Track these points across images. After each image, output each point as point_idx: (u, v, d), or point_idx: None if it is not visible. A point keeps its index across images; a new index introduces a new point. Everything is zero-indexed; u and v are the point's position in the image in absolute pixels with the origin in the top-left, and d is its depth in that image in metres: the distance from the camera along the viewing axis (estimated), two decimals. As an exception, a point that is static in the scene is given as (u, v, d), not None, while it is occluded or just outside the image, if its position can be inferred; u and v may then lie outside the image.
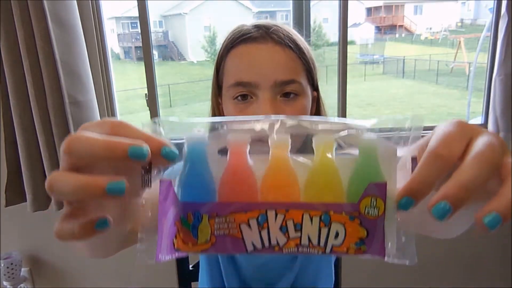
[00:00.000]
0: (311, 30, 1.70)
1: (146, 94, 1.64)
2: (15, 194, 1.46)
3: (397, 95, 7.74)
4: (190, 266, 1.02)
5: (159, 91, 1.65)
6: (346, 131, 0.30)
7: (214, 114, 0.74)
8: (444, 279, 1.67)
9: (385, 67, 8.86)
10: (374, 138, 0.30)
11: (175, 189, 0.30)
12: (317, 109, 0.74)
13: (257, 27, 0.65)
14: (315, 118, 0.31)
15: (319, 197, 0.30)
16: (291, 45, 0.64)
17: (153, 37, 1.74)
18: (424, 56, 8.68)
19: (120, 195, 0.28)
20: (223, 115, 0.71)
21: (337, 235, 0.30)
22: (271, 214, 0.30)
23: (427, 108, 6.92)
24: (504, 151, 0.29)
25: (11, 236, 1.66)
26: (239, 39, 0.65)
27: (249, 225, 0.30)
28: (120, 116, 1.68)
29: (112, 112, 1.64)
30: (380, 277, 1.69)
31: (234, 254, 0.72)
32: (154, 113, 1.64)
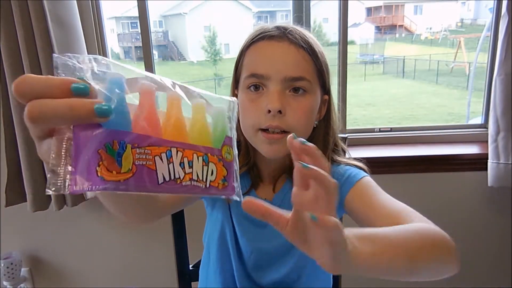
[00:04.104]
0: (311, 30, 1.70)
1: (146, 94, 1.64)
2: (15, 194, 1.46)
3: (397, 95, 7.74)
4: (190, 266, 1.02)
5: (159, 91, 1.65)
6: (206, 99, 0.39)
7: None
8: (443, 279, 1.67)
9: (385, 67, 8.85)
10: (223, 107, 0.41)
11: None
12: (327, 112, 0.78)
13: (276, 27, 0.71)
14: (198, 89, 0.39)
15: (200, 141, 0.38)
16: (305, 46, 0.69)
17: (153, 37, 1.74)
18: (424, 56, 8.68)
19: (108, 115, 0.30)
20: (238, 108, 0.76)
21: (212, 172, 0.38)
22: (174, 151, 0.35)
23: (427, 108, 6.91)
24: None
25: (11, 236, 1.66)
26: (259, 36, 0.70)
27: (161, 158, 0.34)
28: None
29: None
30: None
31: (151, 192, 0.77)
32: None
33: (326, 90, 0.75)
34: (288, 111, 0.68)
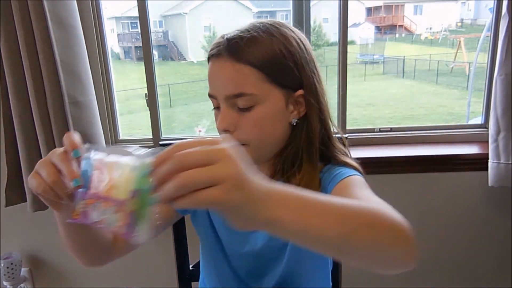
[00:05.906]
0: (311, 30, 1.70)
1: (146, 94, 1.64)
2: (15, 194, 1.46)
3: (397, 95, 7.73)
4: (190, 266, 1.02)
5: (159, 91, 1.65)
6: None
7: None
8: (444, 279, 1.67)
9: (385, 67, 8.84)
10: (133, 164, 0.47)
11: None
12: (307, 107, 0.71)
13: (218, 43, 0.68)
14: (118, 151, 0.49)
15: (114, 194, 0.47)
16: (245, 57, 0.65)
17: (153, 37, 1.74)
18: (424, 56, 8.67)
19: (78, 185, 0.48)
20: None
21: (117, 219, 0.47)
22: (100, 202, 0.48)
23: (427, 108, 6.91)
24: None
25: (11, 236, 1.66)
26: (209, 54, 0.71)
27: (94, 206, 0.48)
28: (120, 116, 1.68)
29: (112, 112, 1.64)
30: (380, 276, 1.69)
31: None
32: (154, 112, 1.64)
33: (297, 85, 0.69)
34: (238, 128, 0.68)
